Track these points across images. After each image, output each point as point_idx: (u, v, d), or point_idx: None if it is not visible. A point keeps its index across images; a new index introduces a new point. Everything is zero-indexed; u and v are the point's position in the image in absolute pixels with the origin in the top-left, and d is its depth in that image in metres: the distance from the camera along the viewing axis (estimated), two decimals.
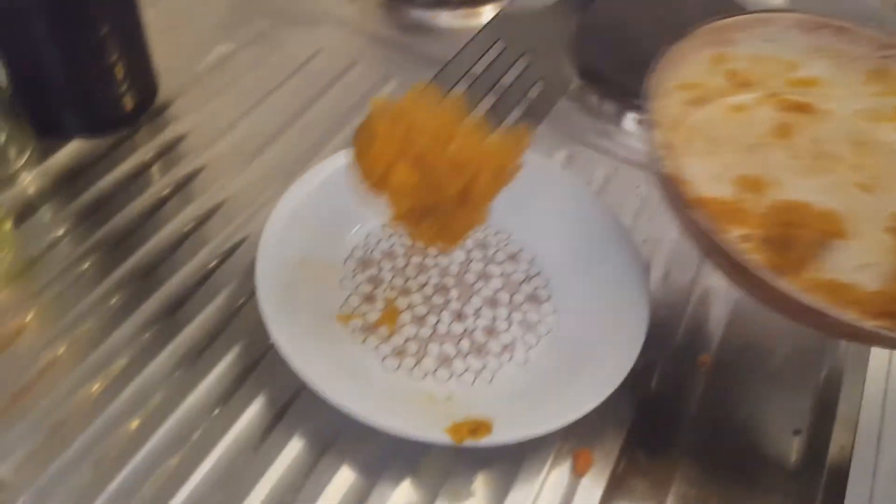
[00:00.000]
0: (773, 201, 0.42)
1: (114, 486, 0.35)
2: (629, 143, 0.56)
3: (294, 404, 0.39)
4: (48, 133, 0.49)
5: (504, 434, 0.37)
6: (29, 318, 0.41)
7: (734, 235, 0.40)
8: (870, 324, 0.34)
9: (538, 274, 0.46)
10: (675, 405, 0.42)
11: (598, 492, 0.38)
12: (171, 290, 0.43)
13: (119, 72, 0.48)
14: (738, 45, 0.46)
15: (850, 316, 0.34)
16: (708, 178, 0.43)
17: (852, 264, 0.40)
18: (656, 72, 0.41)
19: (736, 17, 0.44)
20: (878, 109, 0.46)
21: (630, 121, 0.57)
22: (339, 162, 0.47)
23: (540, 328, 0.44)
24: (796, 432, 0.42)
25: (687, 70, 0.44)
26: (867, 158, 0.45)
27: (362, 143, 0.33)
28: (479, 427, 0.37)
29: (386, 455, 0.38)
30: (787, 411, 0.43)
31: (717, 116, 0.46)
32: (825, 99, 0.47)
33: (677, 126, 0.44)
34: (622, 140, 0.56)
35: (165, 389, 0.39)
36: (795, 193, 0.43)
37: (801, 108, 0.46)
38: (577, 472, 0.39)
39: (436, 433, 0.36)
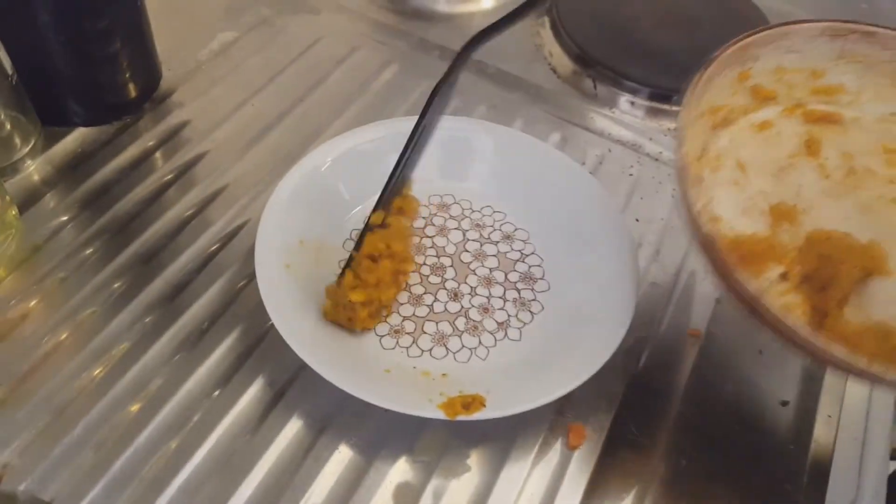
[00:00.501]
0: (810, 232, 0.38)
1: (116, 468, 0.34)
2: (623, 125, 0.53)
3: (293, 385, 0.38)
4: (53, 121, 0.47)
5: (496, 409, 0.35)
6: (33, 303, 0.39)
7: (773, 275, 0.37)
8: None
9: (533, 253, 0.44)
10: (665, 379, 0.41)
11: (590, 464, 0.37)
12: (172, 275, 0.41)
13: (122, 60, 0.46)
14: (761, 59, 0.40)
15: None
16: (741, 211, 0.39)
17: (893, 293, 0.36)
18: (685, 106, 0.36)
19: (759, 34, 0.39)
20: None
21: (623, 103, 0.54)
22: (338, 146, 0.45)
23: (534, 306, 0.42)
24: (784, 403, 0.40)
25: (712, 94, 0.39)
26: None
27: (339, 300, 0.39)
28: (473, 402, 0.35)
29: (383, 433, 0.37)
30: (775, 383, 0.41)
31: (743, 137, 0.41)
32: (852, 106, 0.42)
33: (705, 153, 0.39)
34: (616, 122, 0.53)
35: (166, 373, 0.37)
36: (831, 220, 0.39)
37: (828, 119, 0.42)
38: (571, 446, 0.37)
39: (430, 409, 0.35)
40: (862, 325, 0.35)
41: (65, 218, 0.43)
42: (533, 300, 0.42)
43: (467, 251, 0.44)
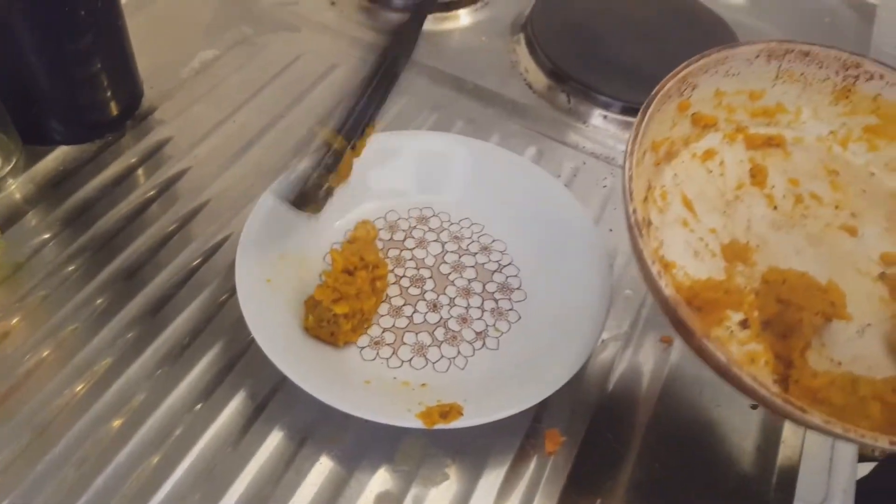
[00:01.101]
0: (765, 273, 0.37)
1: (98, 483, 0.34)
2: (596, 139, 0.54)
3: (274, 398, 0.37)
4: (34, 140, 0.46)
5: (473, 417, 0.35)
6: (15, 321, 0.38)
7: (733, 322, 0.36)
8: None
9: (510, 263, 0.44)
10: (639, 385, 0.41)
11: (566, 469, 0.37)
12: (155, 290, 0.41)
13: (103, 79, 0.46)
14: (700, 87, 0.38)
15: (892, 442, 0.29)
16: (693, 254, 0.37)
17: (853, 330, 0.36)
18: (630, 154, 0.33)
19: (697, 62, 0.37)
20: (846, 131, 0.41)
21: (596, 117, 0.55)
22: None
23: (511, 315, 0.42)
24: (753, 407, 0.40)
25: (653, 129, 0.36)
26: (844, 190, 0.40)
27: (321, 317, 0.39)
28: (450, 411, 0.35)
29: (363, 443, 0.36)
30: None
31: (687, 170, 0.39)
32: (792, 126, 0.41)
33: (651, 193, 0.37)
34: (589, 135, 0.54)
35: (148, 388, 0.37)
36: (784, 256, 0.38)
37: (771, 143, 0.41)
38: (547, 452, 0.37)
39: (409, 419, 0.35)
40: (828, 376, 0.35)
41: (47, 236, 0.42)
42: (510, 310, 0.42)
43: (446, 263, 0.44)
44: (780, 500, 0.37)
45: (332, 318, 0.38)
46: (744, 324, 0.36)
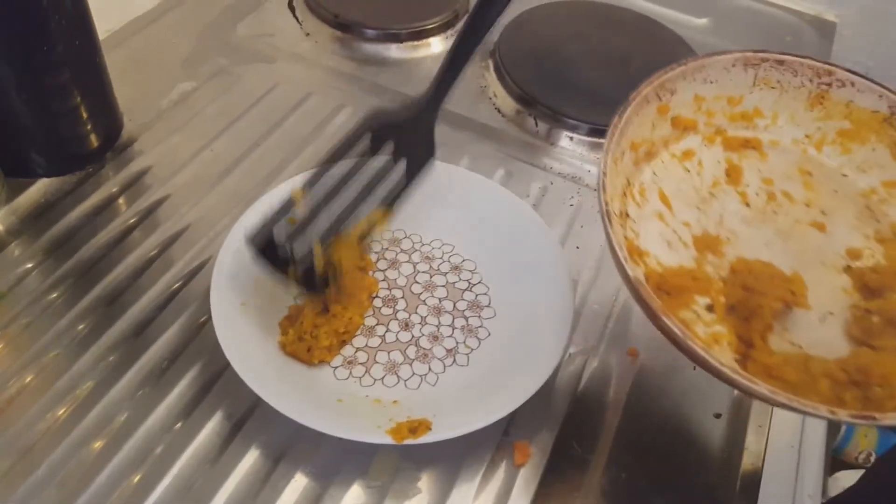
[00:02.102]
0: (733, 262, 0.39)
1: (80, 503, 0.35)
2: (563, 159, 0.56)
3: (251, 417, 0.39)
4: (16, 173, 0.47)
5: (442, 432, 0.36)
6: None
7: (700, 306, 0.37)
8: (845, 415, 0.31)
9: (479, 282, 0.46)
10: (605, 397, 0.42)
11: (535, 481, 0.38)
12: (136, 314, 0.42)
13: (83, 113, 0.48)
14: (679, 92, 0.41)
15: (831, 411, 0.31)
16: (667, 244, 0.39)
17: (815, 317, 0.38)
18: (606, 152, 0.36)
19: (674, 70, 0.39)
20: (821, 134, 0.43)
21: (563, 139, 0.57)
22: (292, 187, 0.46)
23: (480, 332, 0.43)
24: (717, 416, 0.42)
25: (633, 131, 0.39)
26: (816, 190, 0.42)
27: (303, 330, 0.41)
28: (419, 426, 0.36)
29: (337, 460, 0.38)
30: (709, 397, 0.43)
31: (665, 169, 0.41)
32: (769, 130, 0.43)
33: (630, 189, 0.39)
34: (557, 156, 0.56)
35: (129, 409, 0.38)
36: (753, 248, 0.40)
37: (748, 145, 0.42)
38: (516, 464, 0.39)
39: (379, 435, 0.36)
40: (784, 355, 0.36)
41: (29, 265, 0.44)
42: (480, 327, 0.43)
43: (417, 283, 0.45)
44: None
45: (312, 331, 0.40)
46: (710, 308, 0.38)
